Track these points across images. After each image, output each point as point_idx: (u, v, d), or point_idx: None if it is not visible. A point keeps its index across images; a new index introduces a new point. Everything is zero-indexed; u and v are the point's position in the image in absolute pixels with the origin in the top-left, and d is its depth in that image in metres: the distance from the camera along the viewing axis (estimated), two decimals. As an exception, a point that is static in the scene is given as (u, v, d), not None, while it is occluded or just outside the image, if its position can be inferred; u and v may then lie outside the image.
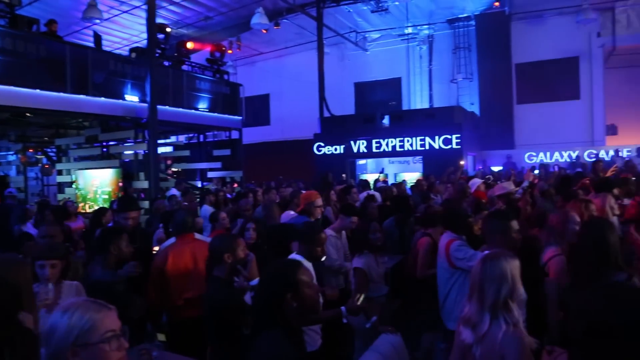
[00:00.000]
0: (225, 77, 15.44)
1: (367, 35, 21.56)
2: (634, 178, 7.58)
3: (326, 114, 17.63)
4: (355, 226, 4.93)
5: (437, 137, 14.96)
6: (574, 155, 16.51)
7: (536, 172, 13.11)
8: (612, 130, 19.16)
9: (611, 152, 16.01)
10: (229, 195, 10.12)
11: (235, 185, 14.23)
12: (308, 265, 3.56)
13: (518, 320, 2.11)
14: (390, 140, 15.59)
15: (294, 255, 3.68)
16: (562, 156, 16.89)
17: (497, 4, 17.79)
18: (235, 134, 15.70)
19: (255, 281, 3.08)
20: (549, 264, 3.45)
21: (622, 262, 2.82)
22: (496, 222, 3.24)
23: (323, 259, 3.72)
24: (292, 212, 6.22)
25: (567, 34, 18.33)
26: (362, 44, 21.53)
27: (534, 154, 17.28)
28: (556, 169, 13.22)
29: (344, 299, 3.61)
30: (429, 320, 4.37)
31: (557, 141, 17.83)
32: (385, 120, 15.93)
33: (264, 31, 18.71)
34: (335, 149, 16.37)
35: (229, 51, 19.50)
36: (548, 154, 17.13)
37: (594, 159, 15.55)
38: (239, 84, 15.65)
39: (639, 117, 19.34)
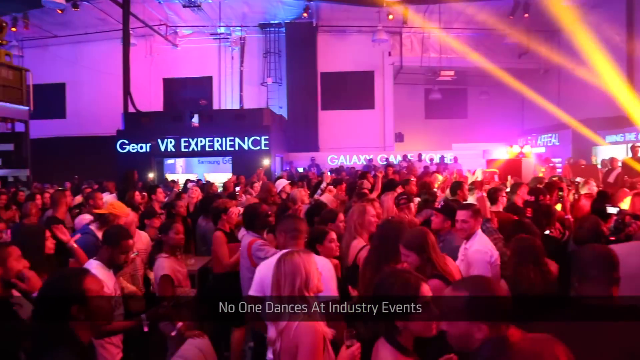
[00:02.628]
0: (8, 58, 13.35)
1: (178, 30, 20.78)
2: (413, 179, 8.76)
3: (131, 110, 16.49)
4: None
5: (246, 138, 15.17)
6: (369, 158, 18.37)
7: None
8: (399, 137, 21.90)
9: (399, 157, 18.26)
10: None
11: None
12: (106, 273, 3.29)
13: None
14: (199, 139, 15.29)
15: (91, 262, 3.37)
16: (359, 159, 18.66)
17: (305, 14, 18.82)
18: (20, 126, 13.69)
19: None
20: (359, 256, 3.68)
21: (396, 258, 3.18)
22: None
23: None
24: (87, 216, 5.65)
25: (365, 50, 20.29)
26: (172, 39, 20.68)
27: (335, 156, 18.72)
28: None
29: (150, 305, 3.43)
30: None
31: (355, 145, 19.67)
32: (195, 119, 15.59)
33: (60, 11, 16.72)
34: (141, 147, 15.42)
35: (13, 29, 16.96)
36: (348, 156, 18.75)
37: (385, 163, 17.62)
38: (26, 69, 13.71)
39: (419, 128, 22.57)
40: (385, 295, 2.02)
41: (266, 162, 14.75)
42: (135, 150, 15.48)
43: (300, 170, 17.07)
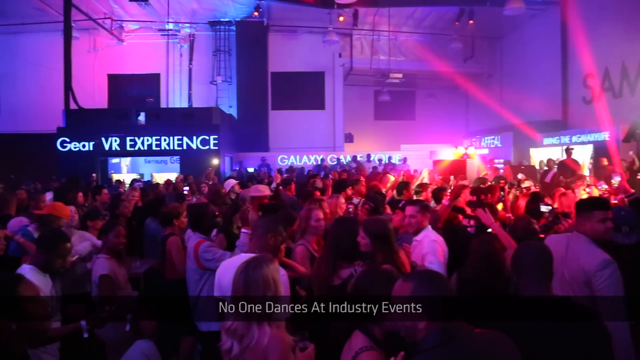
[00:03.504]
0: None
1: (124, 25, 20.12)
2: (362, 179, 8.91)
3: (73, 106, 15.83)
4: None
5: (195, 138, 14.93)
6: (319, 158, 18.46)
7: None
8: (349, 138, 22.16)
9: (349, 157, 18.46)
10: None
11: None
12: (42, 278, 3.15)
13: (281, 323, 2.18)
14: (146, 138, 14.90)
15: (24, 266, 3.21)
16: (309, 159, 18.72)
17: (256, 13, 18.68)
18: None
19: None
20: (296, 249, 3.76)
21: (350, 256, 3.23)
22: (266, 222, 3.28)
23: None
24: (24, 219, 5.36)
25: (315, 51, 20.37)
26: (118, 34, 20.00)
27: (285, 156, 18.68)
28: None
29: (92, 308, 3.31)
30: (185, 323, 4.32)
31: (305, 146, 19.70)
32: (141, 117, 15.18)
33: (-10, -2, 15.87)
34: (84, 146, 14.86)
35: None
36: (298, 157, 18.76)
37: (335, 163, 17.78)
38: (-48, 59, 12.90)
39: (368, 129, 22.91)
40: (367, 294, 2.07)
41: (215, 161, 14.56)
42: (77, 149, 14.88)
43: (251, 170, 16.94)
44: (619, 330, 2.56)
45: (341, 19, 17.77)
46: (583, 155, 12.76)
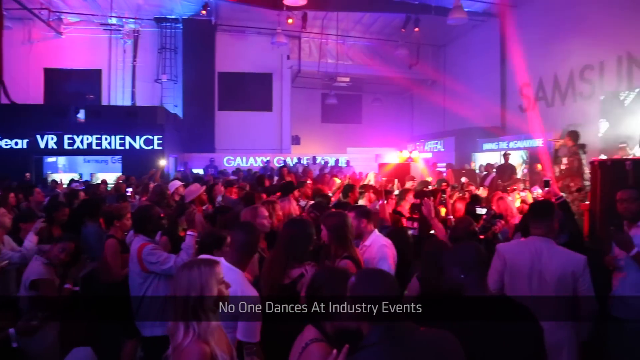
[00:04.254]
0: None
1: (62, 17, 19.18)
2: (309, 181, 8.97)
3: (4, 101, 14.95)
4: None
5: (138, 137, 14.52)
6: (265, 160, 18.38)
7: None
8: (296, 140, 22.22)
9: (295, 159, 18.49)
10: None
11: None
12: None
13: (206, 330, 2.11)
14: (86, 136, 14.32)
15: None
16: (256, 161, 18.61)
17: (204, 12, 18.34)
18: None
19: None
20: None
21: (302, 257, 3.22)
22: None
23: None
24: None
25: (264, 52, 20.26)
26: (56, 26, 19.02)
27: (232, 158, 18.48)
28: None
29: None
30: (127, 328, 4.18)
31: (252, 147, 19.57)
32: (81, 115, 14.56)
33: None
34: (17, 143, 14.08)
35: None
36: (244, 158, 18.61)
37: (282, 165, 17.73)
38: None
39: (315, 131, 23.09)
40: (319, 294, 2.11)
41: (160, 162, 14.20)
42: (8, 146, 14.09)
43: (196, 171, 16.60)
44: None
45: (290, 21, 17.78)
46: (519, 160, 13.41)
